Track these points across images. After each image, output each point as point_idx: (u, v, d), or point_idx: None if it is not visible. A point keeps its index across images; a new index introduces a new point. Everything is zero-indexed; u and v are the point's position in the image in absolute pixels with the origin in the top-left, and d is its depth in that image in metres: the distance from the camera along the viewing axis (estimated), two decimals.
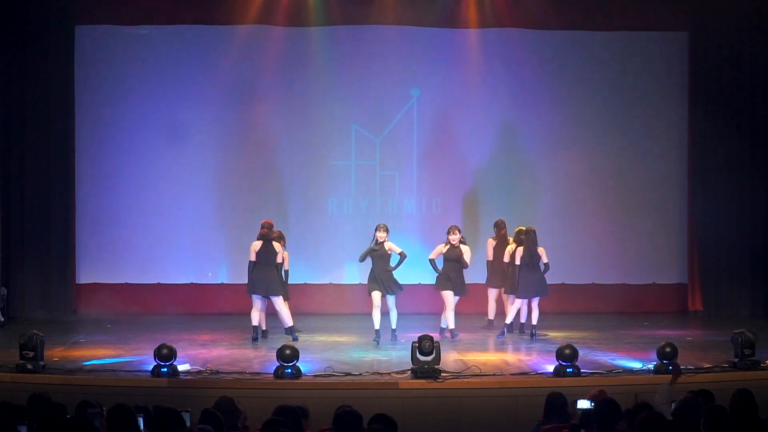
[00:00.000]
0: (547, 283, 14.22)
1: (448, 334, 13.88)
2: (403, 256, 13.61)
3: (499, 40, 17.01)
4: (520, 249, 14.11)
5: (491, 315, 15.02)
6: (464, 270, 14.11)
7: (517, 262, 14.09)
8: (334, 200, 17.19)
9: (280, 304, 13.72)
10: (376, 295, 13.65)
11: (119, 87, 16.78)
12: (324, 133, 17.05)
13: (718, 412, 6.63)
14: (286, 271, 13.98)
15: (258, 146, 17.00)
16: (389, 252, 13.69)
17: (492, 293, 15.05)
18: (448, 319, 13.95)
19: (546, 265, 14.00)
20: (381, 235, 13.67)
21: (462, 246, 14.01)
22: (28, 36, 16.20)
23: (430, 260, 14.09)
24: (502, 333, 14.20)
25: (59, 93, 16.42)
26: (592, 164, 17.21)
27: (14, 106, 16.37)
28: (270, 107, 17.01)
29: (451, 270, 13.97)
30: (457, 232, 14.01)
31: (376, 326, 13.58)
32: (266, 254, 13.69)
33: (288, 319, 13.79)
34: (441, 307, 14.17)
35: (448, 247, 14.04)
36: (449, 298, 13.96)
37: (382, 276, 13.64)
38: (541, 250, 14.00)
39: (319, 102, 16.96)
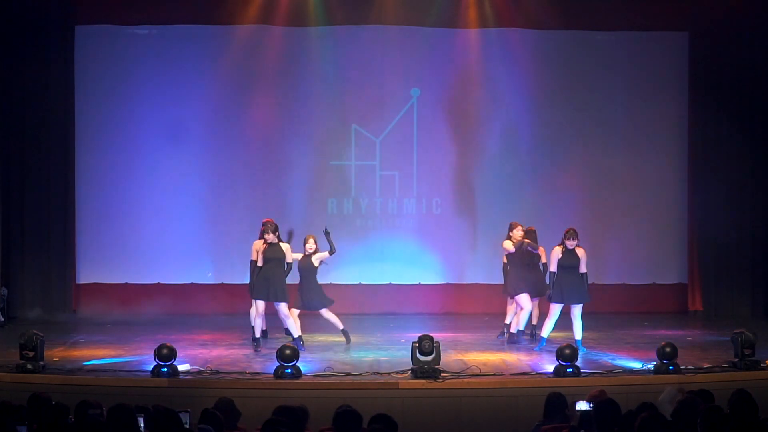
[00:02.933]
0: (547, 282, 14.19)
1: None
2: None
3: (499, 40, 17.00)
4: None
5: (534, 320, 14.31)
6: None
7: None
8: (334, 200, 17.19)
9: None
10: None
11: (119, 87, 16.78)
12: (324, 133, 17.05)
13: (714, 412, 6.64)
14: (289, 264, 13.01)
15: (258, 146, 16.99)
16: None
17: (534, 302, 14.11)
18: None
19: (545, 265, 13.97)
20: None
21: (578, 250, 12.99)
22: (28, 36, 16.19)
23: (551, 272, 13.10)
24: (502, 333, 14.17)
25: (59, 93, 16.42)
26: (592, 164, 17.21)
27: (14, 106, 16.37)
28: (270, 107, 16.99)
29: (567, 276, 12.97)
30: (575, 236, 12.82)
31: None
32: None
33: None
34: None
35: (564, 251, 12.90)
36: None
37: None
38: (540, 251, 13.97)
39: (319, 102, 16.97)
